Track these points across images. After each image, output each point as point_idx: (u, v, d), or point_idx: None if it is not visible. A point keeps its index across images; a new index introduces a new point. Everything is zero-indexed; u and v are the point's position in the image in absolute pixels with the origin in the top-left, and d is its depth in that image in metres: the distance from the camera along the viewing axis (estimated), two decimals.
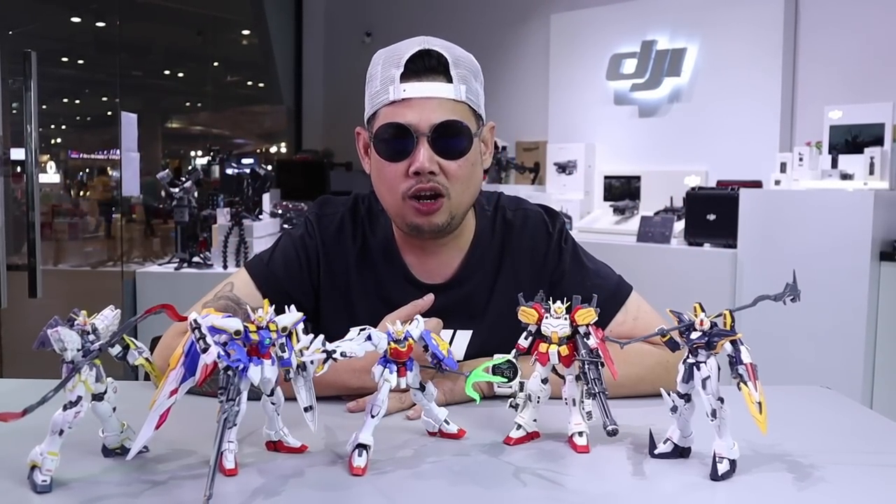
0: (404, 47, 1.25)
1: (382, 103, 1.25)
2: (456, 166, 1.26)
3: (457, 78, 1.25)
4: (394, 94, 1.23)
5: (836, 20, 4.25)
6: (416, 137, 1.23)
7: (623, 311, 1.35)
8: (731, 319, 0.93)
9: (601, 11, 5.17)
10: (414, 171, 1.23)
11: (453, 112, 1.24)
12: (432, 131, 1.23)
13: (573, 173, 5.11)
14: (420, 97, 1.23)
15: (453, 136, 1.24)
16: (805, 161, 3.83)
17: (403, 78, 1.23)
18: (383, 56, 1.27)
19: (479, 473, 0.94)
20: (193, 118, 8.88)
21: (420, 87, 1.23)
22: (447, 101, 1.24)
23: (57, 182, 6.32)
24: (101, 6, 6.51)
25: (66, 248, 5.34)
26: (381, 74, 1.26)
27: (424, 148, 1.23)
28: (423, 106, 1.23)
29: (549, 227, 1.41)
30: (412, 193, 1.26)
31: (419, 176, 1.24)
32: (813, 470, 0.95)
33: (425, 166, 1.23)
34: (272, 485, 0.88)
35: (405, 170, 1.25)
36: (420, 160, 1.22)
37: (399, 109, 1.23)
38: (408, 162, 1.24)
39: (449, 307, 1.32)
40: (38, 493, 0.84)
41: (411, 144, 1.23)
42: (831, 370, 3.37)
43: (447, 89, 1.24)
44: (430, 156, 1.23)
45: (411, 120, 1.22)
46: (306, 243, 1.38)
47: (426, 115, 1.22)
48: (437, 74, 1.24)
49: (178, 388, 0.87)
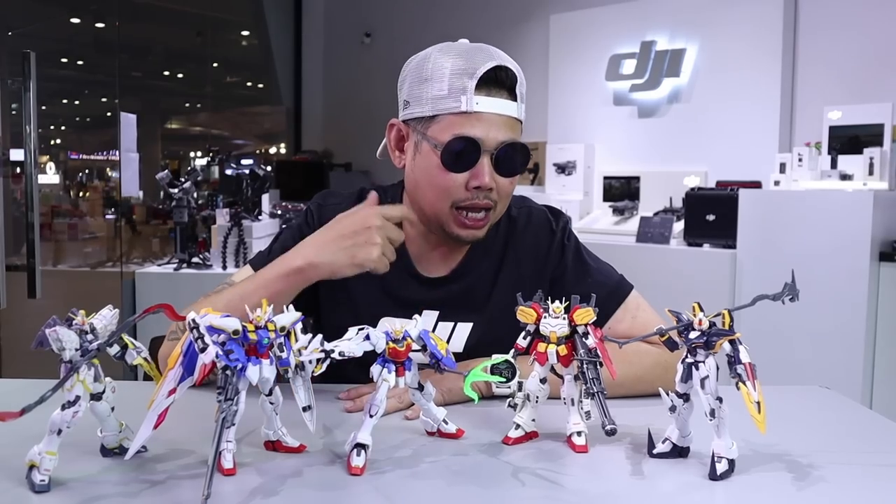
0: (478, 58, 1.24)
1: (450, 110, 1.24)
2: (508, 183, 1.29)
3: (520, 96, 1.28)
4: (466, 105, 1.23)
5: (835, 21, 4.25)
6: (482, 153, 1.24)
7: (623, 309, 1.36)
8: (730, 319, 0.93)
9: (600, 12, 5.17)
10: (475, 186, 1.25)
11: (515, 130, 1.27)
12: (500, 149, 1.25)
13: (572, 174, 5.11)
14: (490, 112, 1.24)
15: (514, 156, 1.27)
16: (804, 161, 3.83)
17: (478, 90, 1.23)
18: (451, 61, 1.25)
19: (478, 473, 0.94)
20: (193, 119, 8.88)
21: (492, 104, 1.24)
22: (511, 119, 1.26)
23: (56, 183, 6.31)
24: (100, 7, 6.51)
25: (65, 249, 5.33)
26: (448, 80, 1.24)
27: (487, 163, 1.25)
28: (492, 122, 1.24)
29: (552, 225, 1.42)
30: (466, 205, 1.28)
31: (478, 190, 1.26)
32: (812, 470, 0.95)
33: (488, 183, 1.25)
34: (270, 484, 0.88)
35: (464, 182, 1.26)
36: (485, 177, 1.25)
37: (469, 121, 1.24)
38: (469, 174, 1.26)
39: (450, 299, 1.34)
40: (37, 493, 0.84)
41: (475, 158, 1.25)
42: (830, 370, 3.37)
43: (513, 108, 1.26)
44: (492, 172, 1.26)
45: (480, 134, 1.24)
46: (304, 232, 1.37)
47: (494, 132, 1.24)
48: (506, 91, 1.26)
49: (177, 387, 0.87)
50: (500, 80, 1.25)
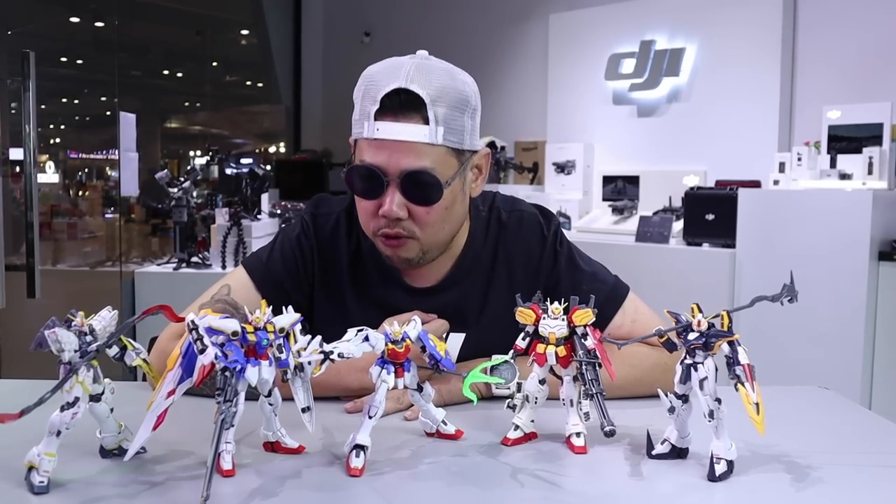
0: (386, 79, 1.18)
1: (360, 136, 1.22)
2: (424, 212, 1.23)
3: (434, 119, 1.17)
4: (368, 131, 1.19)
5: (834, 20, 4.25)
6: (385, 181, 1.20)
7: (621, 313, 1.35)
8: (729, 320, 0.93)
9: (600, 11, 5.17)
10: (382, 215, 1.22)
11: (426, 157, 1.19)
12: (402, 178, 1.19)
13: (572, 173, 5.11)
14: (392, 140, 1.17)
15: (423, 185, 1.20)
16: (804, 161, 3.83)
17: (378, 115, 1.17)
18: (366, 82, 1.21)
19: (477, 474, 0.94)
20: (192, 118, 8.87)
21: (393, 129, 1.17)
22: (421, 145, 1.18)
23: (56, 182, 6.31)
24: (99, 6, 6.50)
25: (64, 248, 5.33)
26: (360, 104, 1.21)
27: (393, 192, 1.20)
28: (395, 149, 1.18)
29: (543, 230, 1.39)
30: (380, 234, 1.25)
31: (386, 219, 1.23)
32: (811, 470, 0.95)
33: (393, 212, 1.20)
34: (270, 485, 0.88)
35: (375, 209, 1.23)
36: (387, 205, 1.20)
37: (372, 149, 1.19)
38: (377, 202, 1.22)
39: (441, 310, 1.31)
40: (36, 494, 0.84)
41: (382, 186, 1.20)
42: (829, 370, 3.37)
43: (422, 132, 1.17)
44: (399, 201, 1.20)
45: (381, 162, 1.19)
46: (302, 243, 1.37)
47: (396, 159, 1.18)
48: (414, 113, 1.17)
49: (176, 389, 0.87)
50: (407, 103, 1.17)
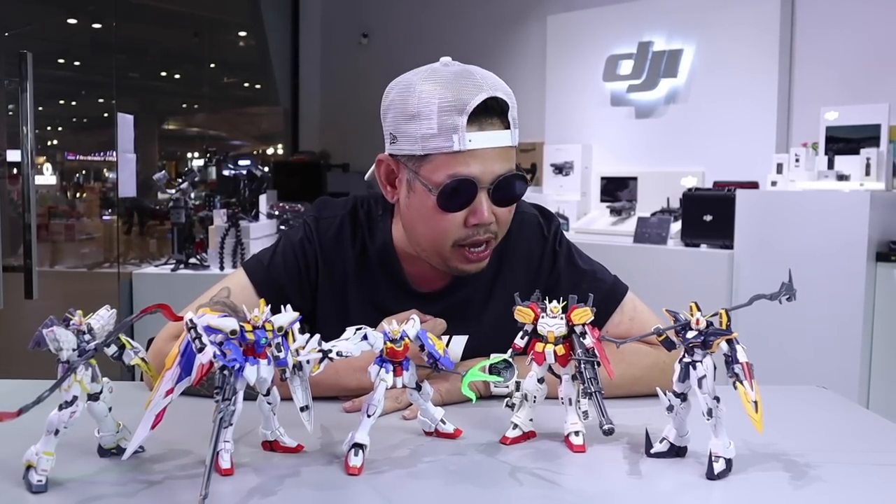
0: (466, 90, 1.17)
1: (442, 150, 1.18)
2: (507, 211, 1.26)
3: (513, 122, 1.22)
4: (458, 144, 1.17)
5: (832, 21, 4.26)
6: (478, 190, 1.20)
7: (619, 312, 1.35)
8: (727, 319, 0.93)
9: (598, 13, 5.17)
10: (475, 224, 1.22)
11: (510, 159, 1.23)
12: (497, 183, 1.21)
13: (570, 174, 5.11)
14: (484, 148, 1.19)
15: (512, 186, 1.23)
16: (801, 162, 3.83)
17: (470, 127, 1.17)
18: (438, 95, 1.17)
19: (476, 473, 0.94)
20: (190, 119, 8.86)
21: (485, 138, 1.18)
22: (506, 149, 1.22)
23: (53, 183, 6.30)
24: (97, 8, 6.50)
25: (62, 250, 5.32)
26: (438, 118, 1.17)
27: (485, 200, 1.21)
28: (487, 157, 1.19)
29: (544, 231, 1.40)
30: (468, 242, 1.25)
31: (478, 227, 1.23)
32: (809, 469, 0.95)
33: (488, 219, 1.22)
34: (268, 484, 0.88)
35: (463, 220, 1.23)
36: (484, 213, 1.21)
37: (463, 159, 1.18)
38: (466, 212, 1.22)
39: (445, 313, 1.31)
40: (34, 493, 0.84)
41: (472, 196, 1.21)
42: (827, 370, 3.37)
43: (507, 137, 1.21)
44: (490, 207, 1.22)
45: (475, 172, 1.19)
46: (305, 248, 1.37)
47: (489, 167, 1.20)
48: (497, 119, 1.20)
49: (174, 387, 0.87)
50: (492, 110, 1.19)
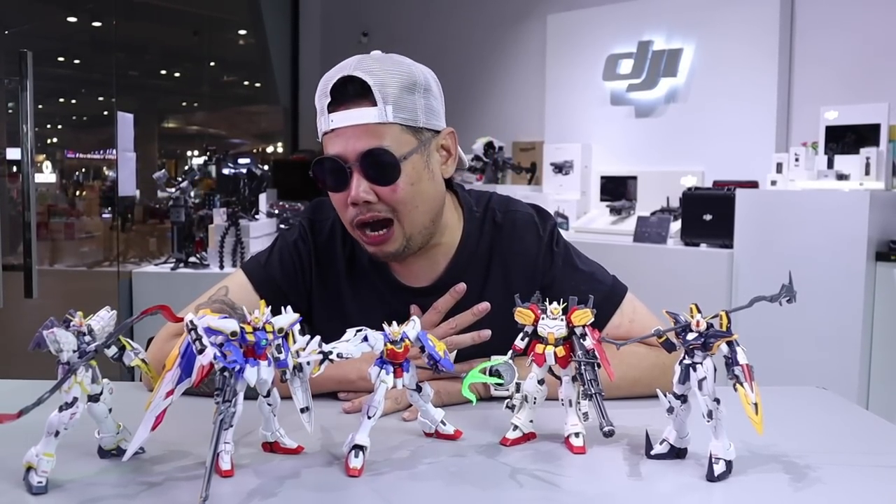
0: (333, 75, 1.23)
1: (321, 133, 1.26)
2: (390, 191, 1.23)
3: (382, 99, 1.20)
4: (324, 125, 1.23)
5: (831, 21, 4.26)
6: (346, 168, 1.22)
7: (619, 314, 1.34)
8: (728, 320, 0.93)
9: (597, 12, 5.17)
10: (351, 202, 1.24)
11: (379, 137, 1.21)
12: (360, 160, 1.21)
13: (570, 173, 5.11)
14: (344, 126, 1.21)
15: (380, 163, 1.22)
16: (801, 161, 3.83)
17: (331, 107, 1.22)
18: (322, 82, 1.25)
19: (476, 474, 0.94)
20: (190, 118, 8.86)
21: (345, 116, 1.21)
22: (373, 126, 1.21)
23: (53, 182, 6.30)
24: (97, 6, 6.50)
25: (62, 248, 5.33)
26: (318, 102, 1.25)
27: (356, 178, 1.22)
28: (350, 134, 1.21)
29: (539, 230, 1.39)
30: (357, 223, 1.26)
31: (357, 206, 1.24)
32: (809, 471, 0.95)
33: (360, 197, 1.22)
34: (268, 486, 0.88)
35: (345, 200, 1.25)
36: (354, 191, 1.22)
37: (331, 140, 1.23)
38: (346, 192, 1.24)
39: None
40: (34, 495, 0.84)
41: (345, 175, 1.22)
42: (827, 371, 3.37)
43: (371, 114, 1.21)
44: (364, 186, 1.22)
45: (339, 151, 1.22)
46: (300, 248, 1.38)
47: (352, 144, 1.21)
48: (362, 99, 1.21)
49: (175, 389, 0.87)
50: (352, 91, 1.21)
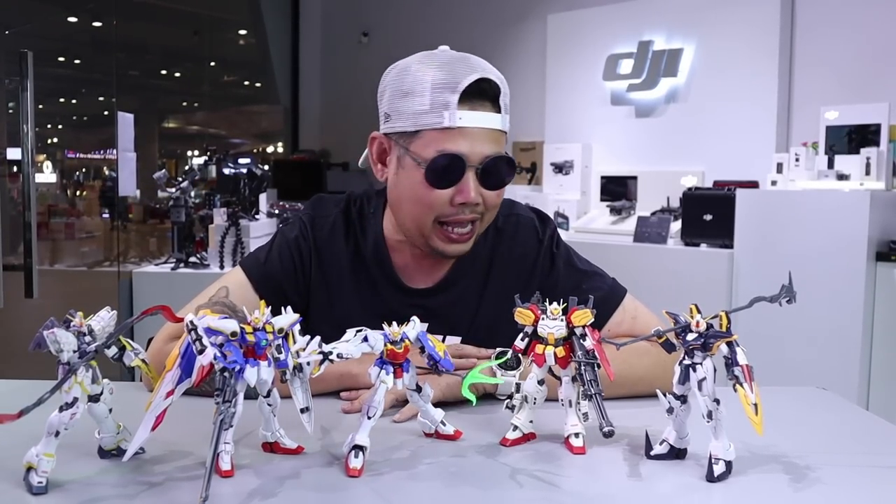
0: (460, 70, 1.21)
1: (432, 126, 1.22)
2: (495, 195, 1.28)
3: (504, 107, 1.25)
4: (449, 121, 1.20)
5: (832, 21, 4.26)
6: (466, 168, 1.23)
7: (621, 310, 1.35)
8: (728, 321, 0.93)
9: (598, 12, 5.17)
10: (461, 203, 1.24)
11: (500, 143, 1.25)
12: (484, 163, 1.23)
13: (570, 173, 5.11)
14: (474, 127, 1.22)
15: (500, 169, 1.25)
16: (801, 161, 3.83)
17: (461, 104, 1.20)
18: (431, 74, 1.22)
19: (476, 475, 0.94)
20: (190, 118, 8.86)
21: (475, 118, 1.22)
22: (496, 132, 1.24)
23: (53, 182, 6.31)
24: (97, 6, 6.50)
25: (62, 248, 5.33)
26: (430, 94, 1.21)
27: (472, 179, 1.23)
28: (477, 136, 1.22)
29: (539, 234, 1.40)
30: (451, 221, 1.26)
31: (464, 206, 1.25)
32: (809, 471, 0.95)
33: (474, 199, 1.24)
34: (268, 486, 0.88)
35: (449, 197, 1.24)
36: (471, 192, 1.23)
37: (452, 137, 1.21)
38: (454, 190, 1.24)
39: (437, 311, 1.33)
40: (34, 495, 0.84)
41: (460, 174, 1.23)
42: (827, 371, 3.37)
43: (497, 120, 1.24)
44: (477, 187, 1.24)
45: (464, 150, 1.22)
46: (300, 244, 1.38)
47: (478, 147, 1.22)
48: (488, 102, 1.24)
49: (175, 389, 0.87)
50: (484, 91, 1.23)
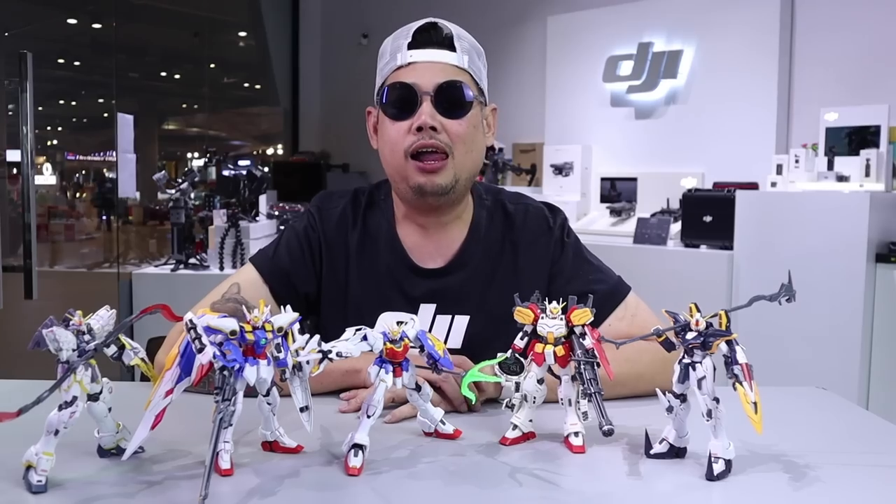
0: (413, 23, 1.35)
1: (390, 70, 1.33)
2: (457, 125, 1.31)
3: (460, 49, 1.34)
4: (401, 60, 1.32)
5: (831, 22, 4.26)
6: (419, 96, 1.29)
7: (623, 306, 1.36)
8: (727, 320, 0.93)
9: (598, 13, 5.17)
10: (417, 127, 1.29)
11: (456, 75, 1.32)
12: (435, 90, 1.29)
13: (570, 175, 5.11)
14: (425, 61, 1.31)
15: (455, 96, 1.31)
16: (801, 163, 3.83)
17: (410, 46, 1.32)
18: (394, 34, 1.37)
19: (475, 474, 0.94)
20: (190, 120, 8.86)
21: (425, 54, 1.32)
22: (450, 67, 1.32)
23: (53, 184, 6.31)
24: (97, 8, 6.51)
25: (62, 250, 5.33)
26: (390, 47, 1.35)
27: (427, 105, 1.29)
28: (428, 69, 1.31)
29: (549, 222, 1.43)
30: (414, 150, 1.30)
31: (421, 132, 1.29)
32: (808, 470, 0.95)
33: (427, 121, 1.28)
34: (268, 485, 0.88)
35: (408, 127, 1.30)
36: (423, 116, 1.28)
37: (405, 72, 1.31)
38: (411, 120, 1.30)
39: (447, 291, 1.35)
40: (34, 494, 0.84)
41: (415, 103, 1.29)
42: (827, 371, 3.37)
43: (451, 56, 1.33)
44: (432, 112, 1.29)
45: (414, 80, 1.30)
46: (309, 235, 1.40)
47: (429, 77, 1.30)
48: (443, 46, 1.33)
49: (174, 388, 0.87)
50: (436, 37, 1.33)
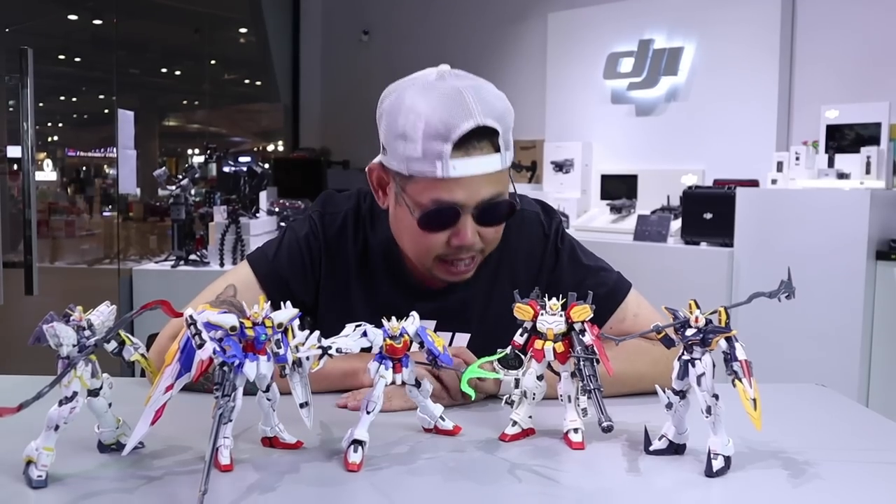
0: (454, 115, 1.14)
1: (426, 174, 1.17)
2: (494, 230, 1.26)
3: (504, 145, 1.19)
4: (442, 171, 1.15)
5: (832, 20, 4.26)
6: (461, 213, 1.20)
7: (623, 307, 1.35)
8: (726, 316, 0.93)
9: (598, 10, 5.17)
10: (458, 245, 1.22)
11: (499, 182, 1.21)
12: (480, 207, 1.20)
13: (570, 172, 5.11)
14: (469, 175, 1.17)
15: (497, 209, 1.23)
16: (802, 160, 3.83)
17: (454, 153, 1.15)
18: (424, 119, 1.14)
19: (475, 470, 0.94)
20: (190, 116, 8.86)
21: (470, 165, 1.16)
22: (495, 174, 1.20)
23: (53, 180, 6.31)
24: (97, 4, 6.50)
25: (62, 246, 5.33)
26: (422, 142, 1.15)
27: (468, 221, 1.21)
28: (472, 183, 1.18)
29: (545, 229, 1.40)
30: (450, 259, 1.25)
31: (460, 248, 1.23)
32: (807, 467, 0.95)
33: (470, 241, 1.22)
34: (267, 480, 0.88)
35: (446, 239, 1.23)
36: (467, 237, 1.21)
37: (447, 186, 1.17)
38: (449, 233, 1.22)
39: (447, 311, 1.33)
40: (34, 489, 0.84)
41: (455, 219, 1.20)
42: (827, 368, 3.37)
43: (495, 161, 1.19)
44: (474, 230, 1.22)
45: (459, 199, 1.18)
46: (310, 242, 1.36)
47: (474, 193, 1.18)
48: (486, 143, 1.17)
49: (174, 384, 0.87)
50: (480, 135, 1.16)
